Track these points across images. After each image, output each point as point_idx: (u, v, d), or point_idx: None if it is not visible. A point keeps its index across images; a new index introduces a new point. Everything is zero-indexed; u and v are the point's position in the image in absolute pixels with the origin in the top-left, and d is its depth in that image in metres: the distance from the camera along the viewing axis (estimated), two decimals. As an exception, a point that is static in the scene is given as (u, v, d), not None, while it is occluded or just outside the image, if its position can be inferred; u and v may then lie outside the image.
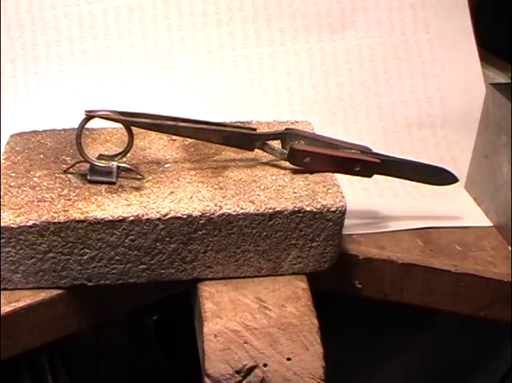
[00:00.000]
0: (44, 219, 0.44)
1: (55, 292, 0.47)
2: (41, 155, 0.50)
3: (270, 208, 0.46)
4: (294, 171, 0.50)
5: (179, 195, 0.46)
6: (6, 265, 0.45)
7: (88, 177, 0.47)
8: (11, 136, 0.53)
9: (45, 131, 0.54)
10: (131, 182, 0.48)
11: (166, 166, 0.50)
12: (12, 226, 0.44)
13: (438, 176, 0.54)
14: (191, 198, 0.46)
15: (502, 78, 0.69)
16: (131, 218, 0.44)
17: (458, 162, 0.64)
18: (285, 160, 0.50)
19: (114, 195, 0.46)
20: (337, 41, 0.66)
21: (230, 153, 0.52)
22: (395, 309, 0.56)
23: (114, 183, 0.47)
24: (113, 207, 0.45)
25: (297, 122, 0.56)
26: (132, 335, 0.82)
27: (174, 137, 0.53)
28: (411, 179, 0.53)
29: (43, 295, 0.47)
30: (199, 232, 0.45)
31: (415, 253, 0.54)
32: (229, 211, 0.45)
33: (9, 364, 0.49)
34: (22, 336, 0.47)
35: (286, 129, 0.51)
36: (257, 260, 0.47)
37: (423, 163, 0.53)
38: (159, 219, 0.44)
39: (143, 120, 0.48)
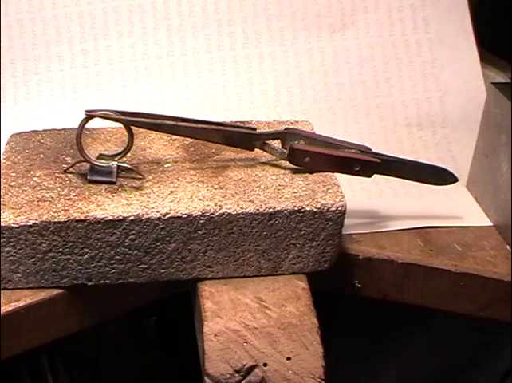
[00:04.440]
0: (44, 218, 0.44)
1: (55, 292, 0.47)
2: (41, 155, 0.50)
3: (270, 208, 0.46)
4: (294, 171, 0.50)
5: (179, 194, 0.46)
6: (6, 264, 0.45)
7: (88, 177, 0.47)
8: (11, 136, 0.53)
9: (45, 131, 0.54)
10: (131, 182, 0.48)
11: (166, 166, 0.50)
12: (12, 225, 0.44)
13: (438, 176, 0.54)
14: (190, 197, 0.46)
15: (502, 78, 0.69)
16: (131, 217, 0.44)
17: (458, 161, 0.64)
18: (285, 160, 0.50)
19: (114, 194, 0.46)
20: (337, 41, 0.66)
21: (230, 153, 0.52)
22: (395, 309, 0.56)
23: (114, 183, 0.47)
24: (113, 207, 0.45)
25: (297, 122, 0.56)
26: (132, 335, 0.82)
27: (174, 137, 0.53)
28: (411, 178, 0.53)
29: (43, 295, 0.47)
30: (199, 232, 0.45)
31: (415, 253, 0.54)
32: (229, 211, 0.45)
33: (9, 364, 0.49)
34: (22, 336, 0.47)
35: (286, 129, 0.51)
36: (257, 260, 0.47)
37: (423, 162, 0.53)
38: (159, 218, 0.45)
39: (143, 119, 0.48)
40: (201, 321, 0.45)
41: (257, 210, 0.45)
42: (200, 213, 0.45)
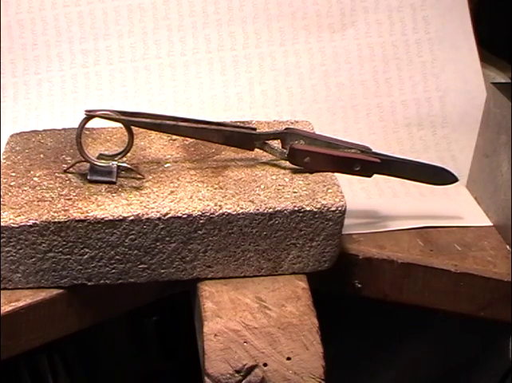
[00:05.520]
0: (44, 218, 0.44)
1: (55, 292, 0.47)
2: (41, 155, 0.50)
3: (270, 208, 0.46)
4: (294, 171, 0.50)
5: (179, 194, 0.46)
6: (6, 264, 0.45)
7: (89, 177, 0.47)
8: (11, 136, 0.53)
9: (45, 131, 0.54)
10: (131, 181, 0.48)
11: (166, 166, 0.50)
12: (12, 225, 0.44)
13: (438, 176, 0.54)
14: (191, 197, 0.46)
15: (502, 78, 0.69)
16: (132, 217, 0.44)
17: (458, 161, 0.64)
18: (285, 160, 0.50)
19: (114, 194, 0.46)
20: (337, 41, 0.66)
21: (230, 153, 0.52)
22: (395, 309, 0.56)
23: (114, 183, 0.47)
24: (113, 207, 0.45)
25: (297, 122, 0.56)
26: (132, 335, 0.82)
27: (174, 137, 0.53)
28: (411, 178, 0.53)
29: (43, 295, 0.47)
30: (199, 232, 0.45)
31: (415, 253, 0.54)
32: (229, 211, 0.45)
33: (9, 364, 0.49)
34: (22, 336, 0.47)
35: (286, 129, 0.51)
36: (257, 260, 0.47)
37: (423, 162, 0.53)
38: (159, 218, 0.44)
39: (143, 119, 0.48)
40: (201, 321, 0.45)
41: (258, 210, 0.45)
42: (200, 213, 0.45)
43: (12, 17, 0.63)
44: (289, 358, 0.44)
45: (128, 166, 0.48)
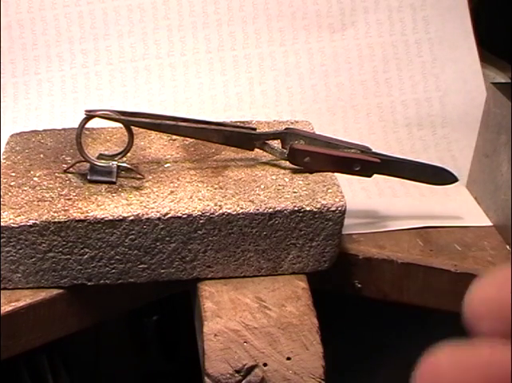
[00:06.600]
0: (44, 218, 0.44)
1: (55, 291, 0.47)
2: (41, 155, 0.50)
3: (270, 208, 0.46)
4: (294, 171, 0.50)
5: (179, 194, 0.46)
6: (6, 264, 0.45)
7: (88, 177, 0.47)
8: (11, 136, 0.53)
9: (45, 131, 0.54)
10: (131, 181, 0.48)
11: (166, 165, 0.50)
12: (12, 225, 0.44)
13: (438, 176, 0.54)
14: (190, 197, 0.46)
15: (502, 78, 0.69)
16: (131, 217, 0.44)
17: (458, 161, 0.64)
18: (285, 160, 0.50)
19: (114, 194, 0.46)
20: (337, 41, 0.66)
21: (230, 153, 0.52)
22: (396, 309, 0.56)
23: (114, 183, 0.47)
24: (113, 207, 0.45)
25: (297, 122, 0.56)
26: (132, 335, 0.82)
27: (174, 137, 0.53)
28: (411, 178, 0.53)
29: (43, 295, 0.47)
30: (199, 232, 0.45)
31: (415, 253, 0.54)
32: (229, 211, 0.45)
33: (9, 364, 0.49)
34: (22, 336, 0.47)
35: (286, 129, 0.51)
36: (257, 260, 0.47)
37: (423, 162, 0.53)
38: (159, 218, 0.44)
39: (143, 119, 0.48)
40: (201, 321, 0.45)
41: (257, 210, 0.45)
42: (200, 213, 0.45)
43: (12, 17, 0.63)
44: (289, 358, 0.44)
45: (128, 166, 0.48)
